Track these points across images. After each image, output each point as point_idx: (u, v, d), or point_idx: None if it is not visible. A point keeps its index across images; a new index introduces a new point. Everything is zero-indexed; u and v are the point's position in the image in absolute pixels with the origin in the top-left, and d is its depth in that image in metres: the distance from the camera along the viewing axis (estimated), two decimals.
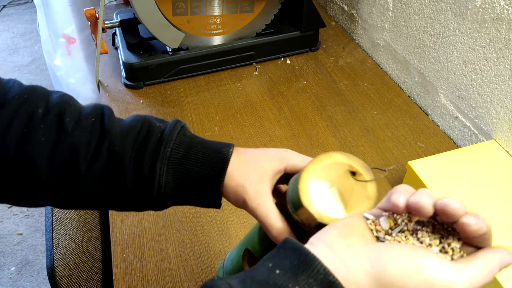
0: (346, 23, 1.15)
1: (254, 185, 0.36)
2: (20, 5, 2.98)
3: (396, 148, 0.80)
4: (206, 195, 0.38)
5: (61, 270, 0.62)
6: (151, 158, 0.36)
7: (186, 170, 0.37)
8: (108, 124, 0.37)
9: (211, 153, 0.37)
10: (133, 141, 0.36)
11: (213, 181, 0.37)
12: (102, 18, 0.87)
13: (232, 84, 0.97)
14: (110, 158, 0.36)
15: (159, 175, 0.36)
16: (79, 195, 0.37)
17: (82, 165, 0.35)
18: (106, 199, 0.37)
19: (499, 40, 0.68)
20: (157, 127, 0.38)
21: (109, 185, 0.36)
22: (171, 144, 0.37)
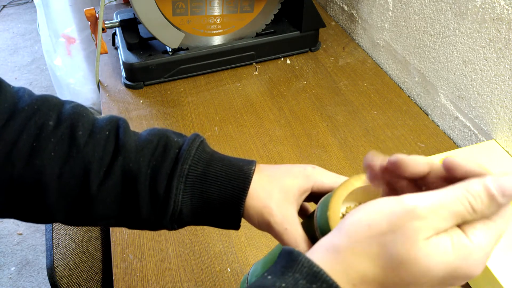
0: (346, 23, 1.15)
1: (281, 207, 0.34)
2: (20, 5, 2.98)
3: (396, 148, 0.80)
4: (225, 216, 0.35)
5: (61, 270, 0.62)
6: (168, 176, 0.34)
7: (204, 189, 0.34)
8: (123, 138, 0.35)
9: (232, 171, 0.35)
10: (149, 157, 0.34)
11: (234, 201, 0.34)
12: (102, 18, 0.87)
13: (232, 84, 0.97)
14: (124, 176, 0.34)
15: (175, 194, 0.34)
16: (89, 214, 0.34)
17: (93, 183, 0.33)
18: (118, 218, 0.35)
19: (499, 40, 0.68)
20: (175, 142, 0.35)
21: (122, 204, 0.34)
22: (189, 161, 0.34)
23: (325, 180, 0.36)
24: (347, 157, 0.79)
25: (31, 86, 2.23)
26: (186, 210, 0.35)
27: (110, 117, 0.36)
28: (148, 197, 0.34)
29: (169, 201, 0.34)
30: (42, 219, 0.35)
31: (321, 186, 0.36)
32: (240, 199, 0.34)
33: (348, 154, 0.79)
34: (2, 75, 2.32)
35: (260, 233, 0.66)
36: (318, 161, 0.78)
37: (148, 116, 0.88)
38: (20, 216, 0.35)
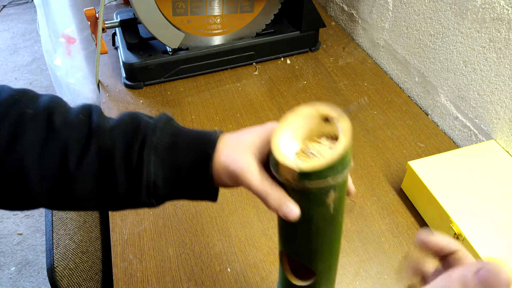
0: (346, 23, 1.15)
1: (243, 157, 0.36)
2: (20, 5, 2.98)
3: (396, 148, 0.80)
4: (197, 182, 0.37)
5: (61, 270, 0.62)
6: (138, 149, 0.36)
7: (174, 159, 0.36)
8: (97, 120, 0.37)
9: (198, 138, 0.37)
10: (122, 134, 0.36)
11: (202, 164, 0.36)
12: (102, 18, 0.87)
13: (232, 84, 0.97)
14: (99, 153, 0.36)
15: (147, 166, 0.36)
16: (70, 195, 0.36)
17: (71, 162, 0.35)
18: (99, 197, 0.37)
19: (499, 40, 0.68)
20: (145, 121, 0.38)
21: (100, 182, 0.36)
22: (158, 134, 0.36)
23: None
24: None
25: (31, 86, 2.23)
26: (160, 182, 0.36)
27: (84, 104, 0.39)
28: (123, 172, 0.36)
29: (142, 173, 0.35)
30: (25, 205, 0.37)
31: None
32: (208, 161, 0.36)
33: None
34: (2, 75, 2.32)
35: (260, 233, 0.66)
36: None
37: None
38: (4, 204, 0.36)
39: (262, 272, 0.62)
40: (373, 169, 0.76)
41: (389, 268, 0.62)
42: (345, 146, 0.31)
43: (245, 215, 0.69)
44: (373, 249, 0.64)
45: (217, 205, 0.71)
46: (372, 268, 0.62)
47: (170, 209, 0.70)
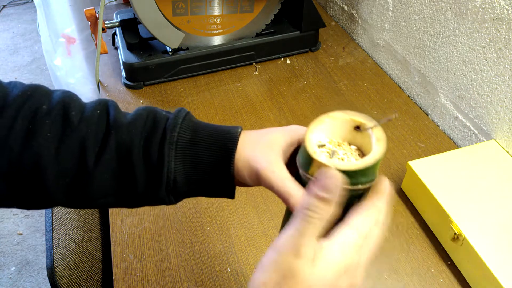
0: (346, 23, 1.15)
1: (266, 155, 0.35)
2: (20, 5, 2.98)
3: (396, 148, 0.80)
4: (218, 179, 0.36)
5: (61, 270, 0.62)
6: (158, 145, 0.35)
7: (195, 154, 0.36)
8: (114, 115, 0.36)
9: (219, 134, 0.36)
10: (141, 129, 0.36)
11: (224, 161, 0.36)
12: (102, 18, 0.87)
13: (232, 84, 0.97)
14: (118, 149, 0.35)
15: (167, 161, 0.35)
16: (88, 193, 0.35)
17: (90, 159, 0.34)
18: (117, 195, 0.36)
19: (499, 40, 0.68)
20: (163, 115, 0.37)
21: (119, 178, 0.35)
22: (178, 129, 0.36)
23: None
24: None
25: None
26: (180, 178, 0.36)
27: (99, 99, 0.38)
28: (142, 168, 0.35)
29: (163, 169, 0.35)
30: (42, 203, 0.36)
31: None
32: (230, 157, 0.35)
33: None
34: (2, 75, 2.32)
35: (260, 233, 0.66)
36: None
37: None
38: (21, 203, 0.36)
39: None
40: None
41: (389, 268, 0.62)
42: (381, 153, 0.31)
43: (245, 215, 0.69)
44: None
45: (217, 205, 0.71)
46: (372, 268, 0.62)
47: (170, 209, 0.70)
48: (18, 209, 1.68)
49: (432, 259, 0.63)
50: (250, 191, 0.73)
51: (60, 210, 0.70)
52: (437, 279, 0.61)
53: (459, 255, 0.61)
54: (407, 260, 0.63)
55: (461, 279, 0.60)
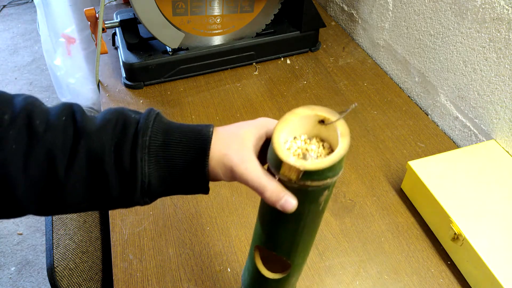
0: (346, 23, 1.15)
1: (239, 152, 0.36)
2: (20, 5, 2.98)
3: (396, 148, 0.80)
4: (193, 179, 0.37)
5: (61, 270, 0.62)
6: (130, 150, 0.35)
7: (168, 157, 0.36)
8: (81, 121, 0.35)
9: (191, 135, 0.36)
10: (111, 135, 0.35)
11: (198, 161, 0.36)
12: (102, 18, 0.87)
13: (232, 84, 0.97)
14: (89, 157, 0.34)
15: (141, 166, 0.35)
16: (60, 201, 0.35)
17: (60, 169, 0.33)
18: (90, 200, 0.36)
19: (499, 40, 0.68)
20: (133, 118, 0.36)
21: (92, 185, 0.35)
22: (149, 132, 0.35)
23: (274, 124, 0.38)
24: (347, 157, 0.78)
25: (31, 86, 2.23)
26: (154, 181, 0.36)
27: (63, 103, 0.37)
28: (115, 175, 0.35)
29: (136, 174, 0.35)
30: (14, 213, 0.35)
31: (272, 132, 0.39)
32: (204, 158, 0.36)
33: (348, 154, 0.79)
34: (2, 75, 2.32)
35: None
36: None
37: None
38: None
39: None
40: (373, 169, 0.76)
41: (389, 268, 0.62)
42: (346, 148, 0.33)
43: (245, 215, 0.69)
44: (373, 249, 0.64)
45: (217, 205, 0.71)
46: (372, 268, 0.62)
47: (170, 209, 0.70)
48: None
49: (432, 259, 0.63)
50: (249, 191, 0.73)
51: None
52: (437, 279, 0.61)
53: (459, 255, 0.61)
54: (407, 260, 0.63)
55: (461, 279, 0.60)
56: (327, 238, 0.66)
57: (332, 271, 0.62)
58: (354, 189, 0.73)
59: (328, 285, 0.60)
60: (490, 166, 0.67)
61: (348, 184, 0.74)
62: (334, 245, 0.65)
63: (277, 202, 0.34)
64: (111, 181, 0.35)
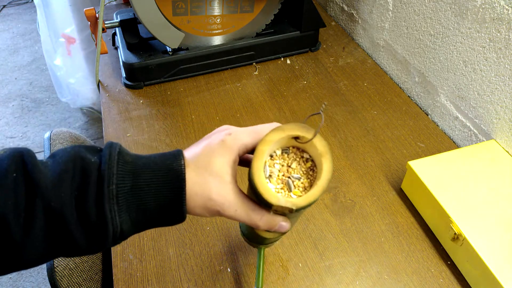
0: (346, 23, 1.15)
1: (222, 194, 0.34)
2: (20, 5, 2.98)
3: (396, 148, 0.80)
4: (168, 218, 0.35)
5: (61, 270, 0.62)
6: (96, 202, 0.31)
7: (140, 202, 0.33)
8: (34, 176, 0.31)
9: (162, 174, 0.33)
10: (69, 188, 0.31)
11: (174, 203, 0.34)
12: (102, 18, 0.87)
13: (232, 84, 0.97)
14: (47, 217, 0.30)
15: (111, 218, 0.31)
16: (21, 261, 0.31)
17: (16, 235, 0.30)
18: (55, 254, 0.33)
19: (499, 40, 0.68)
20: (92, 163, 0.32)
21: (54, 242, 0.31)
22: (114, 180, 0.32)
23: (245, 141, 0.36)
24: (347, 157, 0.79)
25: (31, 86, 2.23)
26: (126, 227, 0.33)
27: (12, 152, 0.32)
28: (81, 232, 0.31)
29: (107, 227, 0.32)
30: None
31: (245, 148, 0.36)
32: (180, 200, 0.33)
33: (348, 154, 0.79)
34: (2, 75, 2.32)
35: None
36: None
37: (148, 116, 0.88)
38: None
39: None
40: (373, 169, 0.76)
41: (389, 268, 0.62)
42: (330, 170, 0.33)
43: None
44: (373, 249, 0.64)
45: None
46: (372, 268, 0.62)
47: None
48: None
49: (432, 259, 0.63)
50: None
51: None
52: (437, 279, 0.61)
53: (459, 255, 0.61)
54: (407, 260, 0.63)
55: (461, 279, 0.60)
56: (327, 238, 0.66)
57: (332, 271, 0.62)
58: (354, 189, 0.73)
59: (328, 285, 0.60)
60: (490, 166, 0.67)
61: (348, 184, 0.74)
62: (334, 245, 0.65)
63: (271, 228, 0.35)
64: (78, 238, 0.32)
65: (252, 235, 0.45)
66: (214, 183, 0.34)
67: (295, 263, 0.62)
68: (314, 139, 0.34)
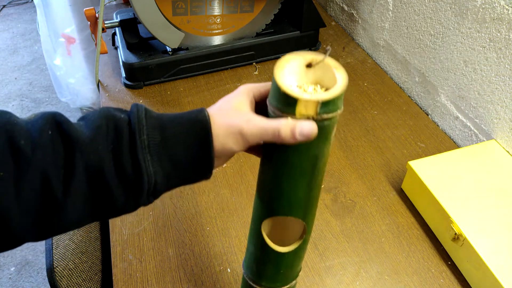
0: (346, 23, 1.15)
1: (240, 116, 0.35)
2: (20, 5, 2.98)
3: (396, 148, 0.80)
4: (198, 169, 0.36)
5: (60, 270, 0.62)
6: (130, 153, 0.33)
7: (171, 152, 0.34)
8: (69, 132, 0.31)
9: (189, 125, 0.35)
10: (105, 143, 0.32)
11: (203, 153, 0.35)
12: (102, 18, 0.87)
13: (232, 84, 0.97)
14: (87, 171, 0.31)
15: (145, 167, 0.33)
16: (61, 223, 0.32)
17: (57, 190, 0.30)
18: (93, 215, 0.34)
19: (499, 40, 0.67)
20: (123, 119, 0.34)
21: (93, 200, 0.32)
22: (145, 131, 0.33)
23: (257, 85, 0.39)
24: (347, 157, 0.78)
25: (31, 86, 2.23)
26: (160, 180, 0.34)
27: (43, 114, 0.33)
28: (119, 184, 0.33)
29: (142, 177, 0.33)
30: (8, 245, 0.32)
31: (258, 91, 0.39)
32: (208, 144, 0.35)
33: (348, 154, 0.79)
34: (2, 75, 2.32)
35: None
36: None
37: None
38: None
39: None
40: (373, 169, 0.76)
41: (389, 268, 0.62)
42: (346, 75, 0.34)
43: (245, 215, 0.69)
44: (374, 250, 0.64)
45: (217, 206, 0.71)
46: (373, 268, 0.62)
47: (170, 209, 0.70)
48: None
49: (433, 260, 0.63)
50: (249, 191, 0.72)
51: None
52: (437, 279, 0.60)
53: (459, 255, 0.61)
54: (407, 260, 0.63)
55: (461, 280, 0.60)
56: (327, 238, 0.66)
57: (332, 272, 0.61)
58: (354, 189, 0.73)
59: (328, 286, 0.60)
60: (491, 166, 0.67)
61: (348, 184, 0.74)
62: (334, 245, 0.65)
63: (295, 133, 0.33)
64: (115, 190, 0.33)
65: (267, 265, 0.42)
66: (233, 113, 0.36)
67: None
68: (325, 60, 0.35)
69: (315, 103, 0.32)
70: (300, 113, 0.33)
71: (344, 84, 0.33)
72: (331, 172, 0.76)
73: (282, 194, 0.37)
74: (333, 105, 0.33)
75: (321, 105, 0.32)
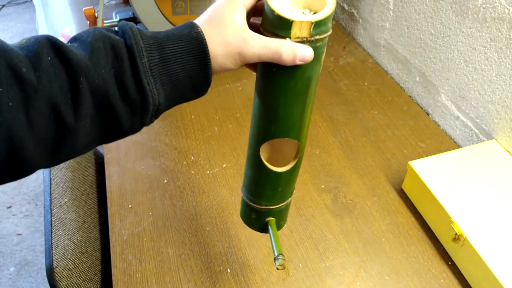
0: (347, 23, 1.14)
1: (237, 35, 0.36)
2: (19, 4, 2.98)
3: (396, 148, 0.80)
4: (197, 87, 0.37)
5: (60, 270, 0.62)
6: (133, 76, 0.33)
7: (170, 72, 0.35)
8: (69, 55, 0.31)
9: (184, 43, 0.35)
10: (106, 66, 0.32)
11: (201, 67, 0.36)
12: (101, 18, 0.87)
13: (232, 84, 0.96)
14: (93, 95, 0.32)
15: (150, 90, 0.33)
16: (73, 146, 0.33)
17: (68, 115, 0.31)
18: (101, 138, 0.35)
19: (500, 39, 0.67)
20: (118, 40, 0.34)
21: (101, 123, 0.33)
22: (144, 53, 0.33)
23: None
24: (347, 157, 0.78)
25: None
26: (162, 101, 0.35)
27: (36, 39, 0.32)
28: (124, 107, 0.33)
29: (147, 100, 0.34)
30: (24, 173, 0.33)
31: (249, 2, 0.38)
32: (205, 60, 0.35)
33: (348, 154, 0.79)
34: None
35: (260, 234, 0.66)
36: (318, 160, 0.77)
37: None
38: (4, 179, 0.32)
39: (262, 273, 0.61)
40: (373, 169, 0.76)
41: (389, 268, 0.62)
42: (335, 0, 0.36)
43: None
44: (374, 250, 0.64)
45: (217, 206, 0.70)
46: (373, 268, 0.62)
47: (170, 209, 0.70)
48: (17, 210, 1.67)
49: (433, 260, 0.63)
50: None
51: (59, 211, 0.70)
52: (438, 279, 0.60)
53: (460, 255, 0.60)
54: (407, 260, 0.63)
55: (462, 280, 0.60)
56: (327, 238, 0.65)
57: (332, 272, 0.61)
58: (354, 189, 0.73)
59: (328, 286, 0.60)
60: (491, 166, 0.67)
61: (348, 184, 0.73)
62: (334, 245, 0.65)
63: (295, 56, 0.35)
64: (121, 112, 0.33)
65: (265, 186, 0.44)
66: (228, 29, 0.36)
67: (296, 264, 0.62)
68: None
69: (309, 24, 0.34)
70: (295, 35, 0.35)
71: (333, 3, 0.35)
72: (331, 172, 0.76)
73: (279, 117, 0.39)
74: (325, 26, 0.35)
75: (314, 25, 0.34)
